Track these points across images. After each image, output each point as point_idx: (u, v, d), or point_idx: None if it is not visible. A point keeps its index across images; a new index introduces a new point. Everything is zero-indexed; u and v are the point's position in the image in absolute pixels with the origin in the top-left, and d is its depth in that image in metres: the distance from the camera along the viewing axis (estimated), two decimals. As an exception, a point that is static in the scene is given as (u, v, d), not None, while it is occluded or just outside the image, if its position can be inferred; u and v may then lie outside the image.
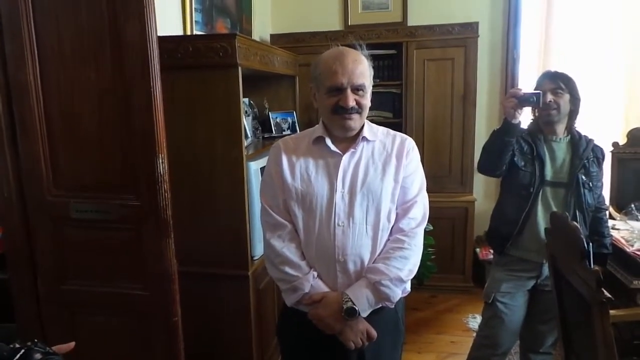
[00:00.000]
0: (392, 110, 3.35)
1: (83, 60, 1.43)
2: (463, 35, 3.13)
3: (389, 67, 3.29)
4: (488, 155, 1.90)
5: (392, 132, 1.45)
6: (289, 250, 1.36)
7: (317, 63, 1.36)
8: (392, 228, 1.38)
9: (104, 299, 1.56)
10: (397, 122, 3.27)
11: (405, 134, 1.48)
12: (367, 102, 1.34)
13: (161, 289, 1.51)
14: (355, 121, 1.33)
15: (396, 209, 1.38)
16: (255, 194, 2.02)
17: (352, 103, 1.30)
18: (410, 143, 1.42)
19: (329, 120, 1.36)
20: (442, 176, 3.23)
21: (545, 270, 1.89)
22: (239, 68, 1.85)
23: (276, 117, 2.85)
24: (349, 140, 1.39)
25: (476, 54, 3.13)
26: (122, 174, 1.47)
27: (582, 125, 2.00)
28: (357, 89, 1.30)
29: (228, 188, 1.92)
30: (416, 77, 3.21)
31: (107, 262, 1.55)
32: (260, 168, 2.09)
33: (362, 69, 1.31)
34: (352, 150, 1.37)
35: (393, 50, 3.25)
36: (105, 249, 1.54)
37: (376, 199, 1.34)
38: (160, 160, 1.43)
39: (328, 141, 1.38)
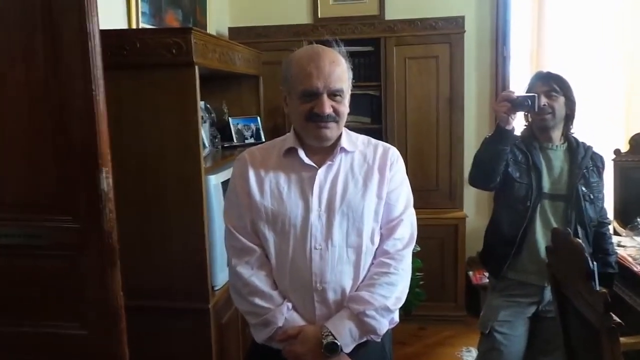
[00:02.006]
0: (370, 115, 3.40)
1: (10, 59, 1.40)
2: (447, 31, 3.22)
3: (365, 66, 3.35)
4: (480, 166, 1.95)
5: (373, 141, 1.48)
6: (259, 279, 1.36)
7: (288, 63, 1.37)
8: (376, 250, 1.40)
9: (31, 341, 1.50)
10: (375, 128, 3.32)
11: (386, 142, 1.51)
12: (345, 108, 1.36)
13: (103, 328, 1.47)
14: (331, 130, 1.35)
15: (380, 228, 1.40)
16: (216, 212, 2.01)
17: (328, 110, 1.31)
18: (394, 153, 1.45)
19: (301, 128, 1.38)
20: (429, 190, 3.28)
21: (548, 295, 1.94)
22: (196, 67, 1.85)
23: (237, 124, 2.85)
24: (325, 151, 1.40)
25: (462, 51, 3.23)
26: (57, 191, 1.44)
27: (579, 131, 2.08)
28: (334, 94, 1.32)
29: (184, 206, 1.91)
30: (396, 77, 3.27)
31: (35, 296, 1.49)
32: (221, 182, 2.08)
33: (340, 72, 1.32)
34: (328, 162, 1.38)
35: (370, 47, 3.31)
36: (33, 281, 1.49)
37: (357, 218, 1.35)
38: (104, 175, 1.40)
39: (301, 153, 1.39)
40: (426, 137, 3.29)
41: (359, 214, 1.36)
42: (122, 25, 2.25)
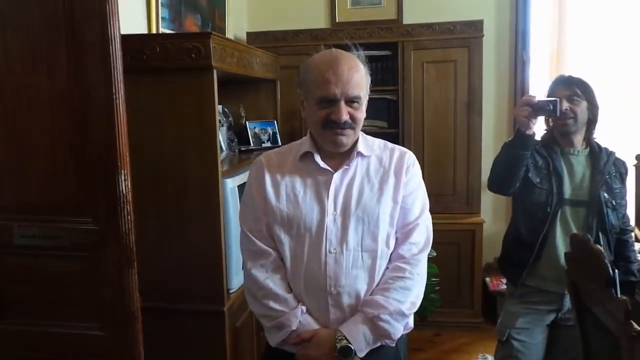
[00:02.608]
0: (387, 119, 3.40)
1: (33, 64, 1.42)
2: (466, 35, 3.21)
3: (383, 70, 3.35)
4: (499, 171, 1.93)
5: (389, 145, 1.48)
6: (274, 282, 1.37)
7: (306, 67, 1.37)
8: (391, 255, 1.40)
9: (50, 341, 1.53)
10: (392, 132, 3.31)
11: (403, 146, 1.51)
12: (362, 114, 1.36)
13: (121, 329, 1.49)
14: (348, 137, 1.36)
15: (395, 233, 1.40)
16: (232, 215, 2.02)
17: (345, 117, 1.32)
18: (410, 157, 1.45)
19: (318, 134, 1.38)
20: (445, 195, 3.26)
21: (567, 302, 1.91)
22: (214, 71, 1.87)
23: (254, 127, 2.87)
24: (341, 155, 1.41)
25: (481, 55, 3.22)
26: (77, 193, 1.46)
27: (601, 137, 2.05)
28: (352, 101, 1.32)
29: (201, 209, 1.92)
30: (414, 82, 3.27)
31: (56, 297, 1.51)
32: (238, 186, 2.10)
33: (358, 79, 1.33)
34: (344, 167, 1.39)
35: (387, 51, 3.31)
36: (54, 282, 1.51)
37: (373, 222, 1.36)
38: (123, 178, 1.42)
39: (317, 157, 1.40)
40: (443, 141, 3.28)
41: (375, 218, 1.36)
42: (142, 30, 2.29)
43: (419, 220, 1.42)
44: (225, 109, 2.77)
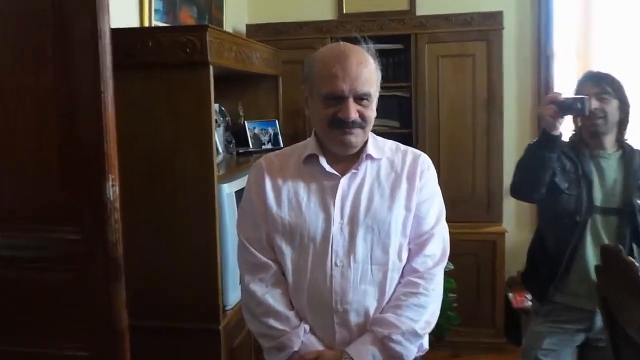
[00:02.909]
0: (399, 119, 3.39)
1: (20, 61, 1.43)
2: (484, 27, 3.20)
3: (394, 66, 3.35)
4: (523, 175, 1.93)
5: (402, 146, 1.48)
6: (274, 298, 1.36)
7: (311, 61, 1.38)
8: (403, 268, 1.39)
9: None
10: (405, 132, 3.31)
11: (417, 148, 1.51)
12: (372, 113, 1.36)
13: (107, 349, 1.48)
14: (356, 137, 1.35)
15: (408, 244, 1.40)
16: (229, 224, 2.01)
17: (354, 115, 1.32)
18: (425, 160, 1.45)
19: (324, 134, 1.38)
20: (463, 201, 3.24)
21: (598, 321, 1.89)
22: (211, 67, 1.87)
23: (254, 128, 2.87)
24: (349, 158, 1.40)
25: (501, 49, 3.21)
26: (62, 200, 1.46)
27: (634, 137, 2.03)
28: (361, 98, 1.33)
29: (195, 217, 1.92)
30: (428, 78, 3.26)
31: (35, 313, 1.51)
32: (235, 192, 2.10)
33: (367, 74, 1.33)
34: (352, 171, 1.39)
35: (399, 44, 3.30)
36: (33, 297, 1.50)
37: (383, 232, 1.35)
38: (110, 183, 1.41)
39: (322, 160, 1.40)
40: (461, 143, 3.27)
41: (385, 228, 1.36)
42: (134, 23, 2.30)
43: (435, 230, 1.41)
44: (222, 108, 2.77)
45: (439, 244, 1.42)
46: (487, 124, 3.24)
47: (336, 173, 1.39)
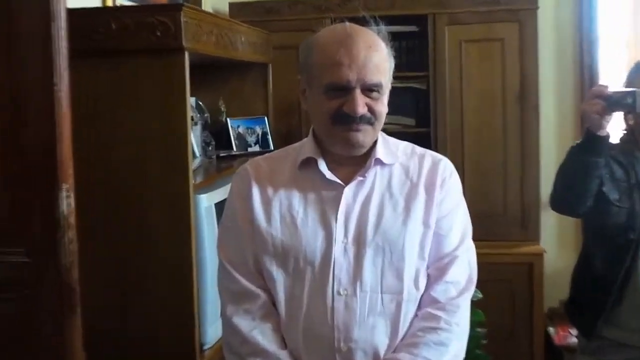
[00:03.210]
0: (414, 116, 3.41)
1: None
2: (516, 6, 3.22)
3: (408, 52, 3.37)
4: (565, 185, 1.92)
5: (418, 149, 1.49)
6: (263, 334, 1.36)
7: (310, 46, 1.38)
8: (421, 298, 1.39)
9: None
10: (421, 132, 3.32)
11: (436, 151, 1.51)
12: (383, 107, 1.37)
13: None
14: (365, 134, 1.35)
15: (427, 268, 1.40)
16: (208, 244, 2.01)
17: (362, 109, 1.32)
18: (446, 166, 1.45)
19: (325, 132, 1.39)
20: (493, 216, 3.25)
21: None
22: (186, 54, 1.88)
23: (238, 126, 2.87)
24: (355, 163, 1.41)
25: (536, 32, 3.22)
26: (7, 215, 1.46)
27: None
28: (371, 90, 1.33)
29: (165, 236, 1.92)
30: (449, 67, 3.28)
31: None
32: (215, 204, 2.10)
33: (378, 60, 1.33)
34: (359, 178, 1.39)
35: (414, 26, 3.32)
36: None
37: (397, 253, 1.36)
38: (64, 194, 1.42)
39: (322, 165, 1.40)
40: (489, 145, 3.29)
41: (399, 248, 1.36)
42: (95, 2, 2.30)
43: (459, 252, 1.41)
44: (200, 103, 2.78)
45: (464, 269, 1.41)
46: (521, 123, 3.25)
47: (339, 181, 1.39)
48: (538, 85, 3.25)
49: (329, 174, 1.39)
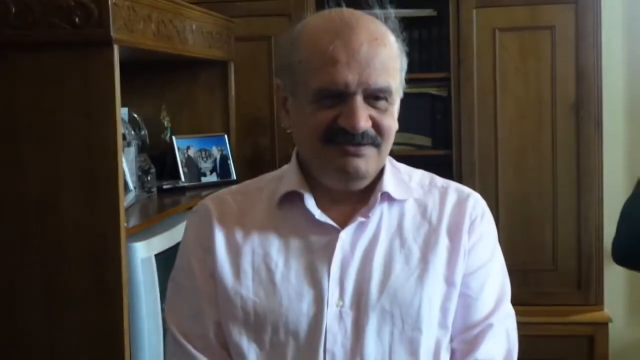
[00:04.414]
0: (430, 132, 3.45)
1: None
2: (571, -18, 3.27)
3: (423, 45, 3.42)
4: (633, 229, 1.97)
5: (439, 180, 1.52)
6: None
7: (293, 39, 1.41)
8: (444, 381, 1.42)
9: None
10: (440, 155, 3.37)
11: (460, 181, 1.52)
12: (392, 122, 1.39)
13: None
14: (368, 161, 1.37)
15: (451, 340, 1.42)
16: (147, 308, 2.05)
17: (364, 123, 1.33)
18: (477, 204, 1.48)
19: (314, 156, 1.41)
20: (540, 271, 3.28)
21: None
22: (115, 48, 1.92)
23: (187, 147, 2.90)
24: (354, 199, 1.44)
25: (598, 19, 3.27)
26: None
27: None
28: (376, 97, 1.35)
29: (88, 298, 1.94)
30: (478, 65, 3.33)
31: None
32: (156, 255, 2.12)
33: (386, 57, 1.35)
34: (359, 219, 1.41)
35: (431, 9, 3.39)
36: None
37: (410, 321, 1.38)
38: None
39: (309, 202, 1.42)
40: (534, 173, 3.32)
41: (413, 314, 1.38)
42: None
43: (494, 319, 1.43)
44: (135, 115, 2.81)
45: (502, 342, 1.43)
46: (577, 142, 3.29)
47: (332, 223, 1.41)
48: (601, 92, 3.28)
49: (318, 214, 1.41)
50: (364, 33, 1.34)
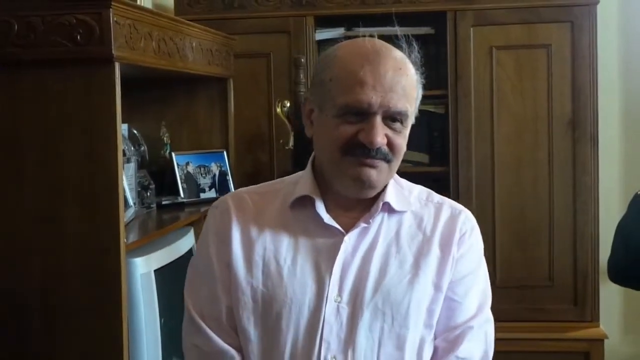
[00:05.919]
0: (428, 149, 3.48)
1: None
2: (567, 1, 3.30)
3: (422, 62, 3.41)
4: (629, 246, 1.98)
5: (435, 197, 1.61)
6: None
7: (330, 59, 1.50)
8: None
9: None
10: (437, 172, 3.38)
11: (457, 198, 1.58)
12: (403, 143, 1.49)
13: None
14: (379, 173, 1.47)
15: (434, 338, 1.52)
16: (146, 323, 2.08)
17: (381, 140, 1.44)
18: (467, 220, 1.58)
19: (332, 164, 1.49)
20: (536, 287, 3.25)
21: None
22: (116, 65, 1.94)
23: (187, 163, 2.92)
24: (360, 206, 1.53)
25: (594, 36, 3.29)
26: None
27: None
28: (394, 119, 1.46)
29: (88, 314, 1.95)
30: (476, 83, 3.36)
31: None
32: (156, 271, 2.15)
33: (407, 86, 1.47)
34: (362, 225, 1.50)
35: (428, 27, 3.41)
36: None
37: (399, 318, 1.47)
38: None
39: (320, 207, 1.51)
40: (530, 190, 3.34)
41: (402, 312, 1.47)
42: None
43: (475, 322, 1.53)
44: (135, 132, 2.83)
45: (480, 343, 1.54)
46: (573, 160, 3.31)
47: (338, 227, 1.50)
48: (597, 109, 3.30)
49: (327, 218, 1.50)
50: (391, 62, 1.46)
